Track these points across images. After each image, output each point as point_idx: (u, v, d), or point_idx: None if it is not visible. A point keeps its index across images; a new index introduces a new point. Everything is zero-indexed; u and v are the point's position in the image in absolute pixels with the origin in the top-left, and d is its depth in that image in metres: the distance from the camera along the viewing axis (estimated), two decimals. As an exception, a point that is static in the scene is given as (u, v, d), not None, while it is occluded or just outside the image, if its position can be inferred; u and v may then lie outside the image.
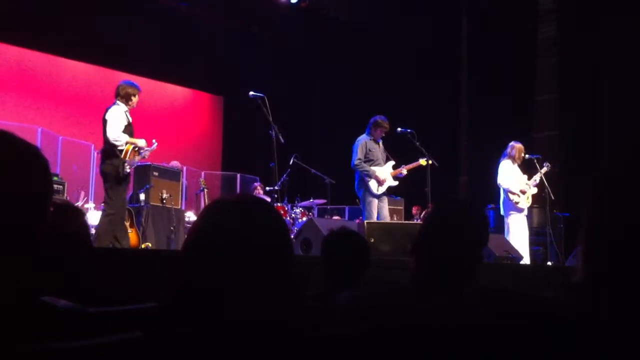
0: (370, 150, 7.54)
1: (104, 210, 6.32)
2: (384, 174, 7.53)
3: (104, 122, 6.33)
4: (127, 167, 6.22)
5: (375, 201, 7.50)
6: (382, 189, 7.54)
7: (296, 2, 12.98)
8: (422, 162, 7.72)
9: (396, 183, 7.67)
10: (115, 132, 6.25)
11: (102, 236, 6.16)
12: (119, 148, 6.25)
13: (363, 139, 7.59)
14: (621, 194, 1.00)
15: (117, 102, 6.43)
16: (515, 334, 1.20)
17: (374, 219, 7.29)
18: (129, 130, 6.39)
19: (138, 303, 1.62)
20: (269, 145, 6.80)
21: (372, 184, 7.48)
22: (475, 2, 12.12)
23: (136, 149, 6.35)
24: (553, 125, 10.80)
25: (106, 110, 6.40)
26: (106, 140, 6.31)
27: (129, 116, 6.45)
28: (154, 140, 7.07)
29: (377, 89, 11.97)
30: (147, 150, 6.53)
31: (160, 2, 12.53)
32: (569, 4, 10.57)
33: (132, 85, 6.58)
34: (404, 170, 7.70)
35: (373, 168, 7.49)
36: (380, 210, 7.53)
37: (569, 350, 1.09)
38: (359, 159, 7.48)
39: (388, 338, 1.21)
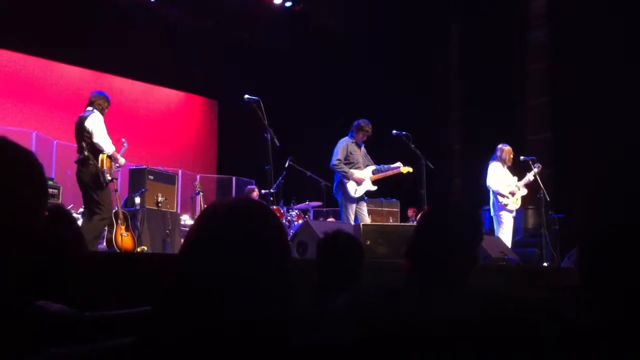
0: (351, 153, 7.50)
1: (95, 214, 6.24)
2: (363, 177, 7.47)
3: (85, 130, 6.25)
4: (108, 175, 6.20)
5: (353, 206, 7.43)
6: (360, 192, 7.45)
7: (290, 6, 12.99)
8: (403, 169, 7.65)
9: (375, 188, 7.58)
10: (106, 140, 6.26)
11: (95, 240, 6.15)
12: (104, 154, 6.25)
13: (345, 141, 7.56)
14: (619, 193, 0.99)
15: (94, 110, 6.38)
16: (511, 336, 1.20)
17: (351, 223, 7.24)
18: None
19: (133, 307, 1.62)
20: (264, 148, 6.80)
21: (350, 186, 7.41)
22: (466, 9, 12.17)
23: (110, 157, 6.32)
24: (546, 128, 10.85)
25: (84, 119, 6.31)
26: (84, 149, 6.24)
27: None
28: (123, 140, 7.06)
29: (373, 94, 11.98)
30: (120, 156, 6.62)
31: (153, 8, 12.51)
32: (560, 9, 10.62)
33: (102, 95, 6.59)
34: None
35: (352, 170, 7.45)
36: (358, 214, 7.46)
37: (565, 353, 1.08)
38: (339, 160, 7.43)
39: (383, 342, 1.21)
